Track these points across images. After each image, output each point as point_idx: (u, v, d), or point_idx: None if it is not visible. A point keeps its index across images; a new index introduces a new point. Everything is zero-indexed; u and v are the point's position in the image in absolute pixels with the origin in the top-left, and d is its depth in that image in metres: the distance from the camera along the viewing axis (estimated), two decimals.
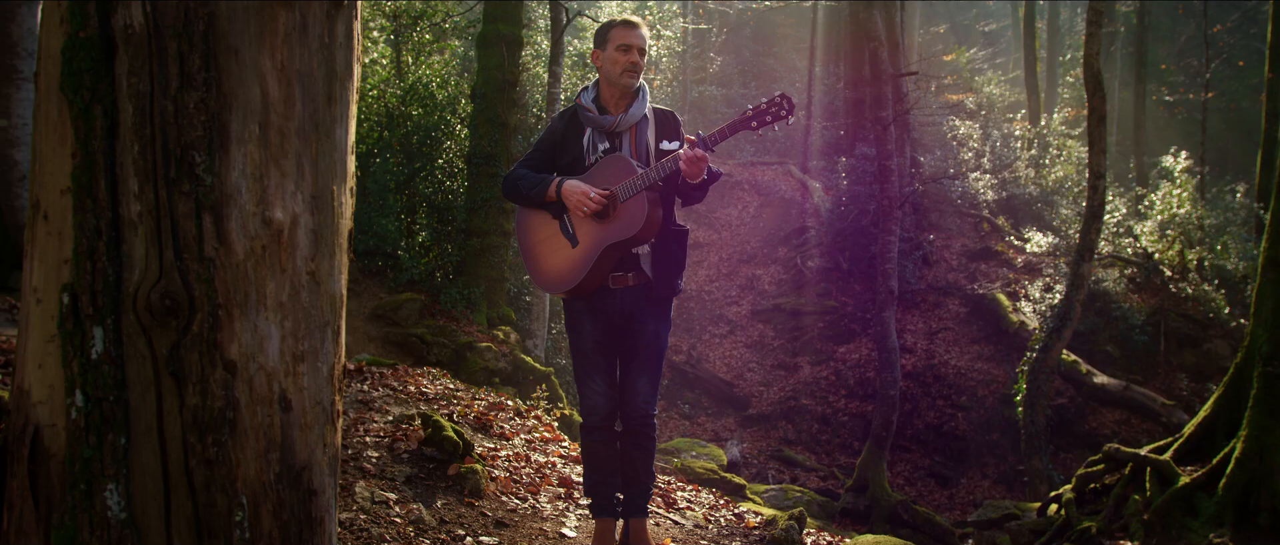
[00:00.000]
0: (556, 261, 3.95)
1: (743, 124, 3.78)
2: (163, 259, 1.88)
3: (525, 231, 4.10)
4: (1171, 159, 17.08)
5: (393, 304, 10.67)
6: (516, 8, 12.28)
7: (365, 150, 12.14)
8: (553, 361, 12.60)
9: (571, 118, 4.09)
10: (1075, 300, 11.20)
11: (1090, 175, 11.17)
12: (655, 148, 4.00)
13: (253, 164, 1.98)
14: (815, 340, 17.23)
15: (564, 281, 3.92)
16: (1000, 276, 17.98)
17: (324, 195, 2.14)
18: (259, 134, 1.99)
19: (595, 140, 3.99)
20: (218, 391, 1.92)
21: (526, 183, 3.99)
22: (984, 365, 15.93)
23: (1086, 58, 10.95)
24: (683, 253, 4.04)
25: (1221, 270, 16.40)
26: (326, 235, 2.15)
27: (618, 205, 3.80)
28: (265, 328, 2.02)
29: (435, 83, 12.63)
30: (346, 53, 2.16)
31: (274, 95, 2.00)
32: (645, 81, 4.16)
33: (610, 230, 3.81)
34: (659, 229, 3.89)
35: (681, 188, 3.87)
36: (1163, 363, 15.51)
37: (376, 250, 11.62)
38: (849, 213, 18.59)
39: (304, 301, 2.10)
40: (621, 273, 3.92)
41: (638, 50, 3.93)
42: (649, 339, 3.98)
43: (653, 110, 4.10)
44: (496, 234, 11.79)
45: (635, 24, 4.00)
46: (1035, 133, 22.26)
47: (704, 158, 3.69)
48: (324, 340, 2.15)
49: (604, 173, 3.88)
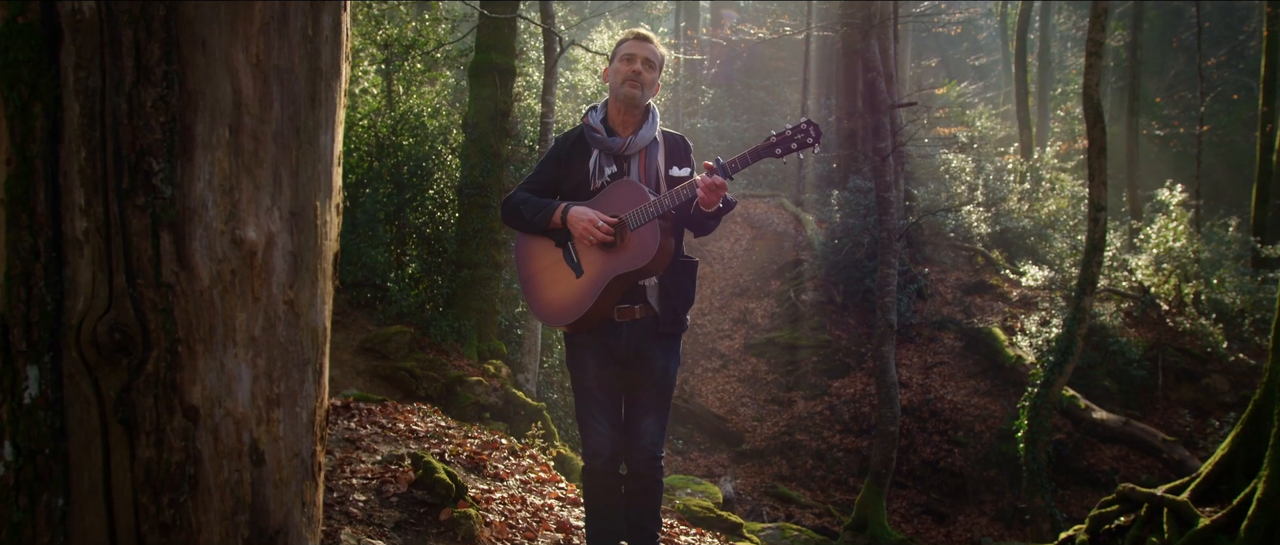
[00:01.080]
0: (559, 292, 3.70)
1: (765, 151, 3.55)
2: (112, 285, 1.57)
3: (525, 259, 3.82)
4: (1167, 192, 16.98)
5: (381, 337, 10.39)
6: (509, 37, 12.09)
7: (355, 180, 11.90)
8: (545, 396, 12.32)
9: (577, 139, 3.85)
10: (1077, 335, 10.98)
11: (1090, 208, 10.98)
12: (665, 173, 3.77)
13: (221, 174, 1.69)
14: (809, 374, 17.02)
15: (566, 314, 3.66)
16: (996, 310, 17.85)
17: (305, 212, 1.84)
18: (229, 139, 1.70)
19: (602, 163, 3.75)
20: (176, 443, 1.62)
21: (528, 207, 3.73)
22: (980, 400, 15.72)
23: (1085, 89, 10.79)
24: (692, 286, 3.82)
25: (1219, 304, 16.28)
26: (308, 258, 1.85)
27: (627, 234, 3.56)
28: (234, 367, 1.72)
29: (426, 112, 12.43)
30: (333, 48, 1.88)
31: (248, 94, 1.72)
32: (655, 105, 3.92)
33: (618, 260, 3.56)
34: (670, 260, 3.66)
35: (694, 217, 3.64)
36: (1161, 398, 15.36)
37: (365, 282, 11.34)
38: (843, 246, 18.43)
39: (280, 336, 1.81)
40: (627, 305, 3.68)
41: (642, 61, 3.70)
42: (657, 376, 3.74)
43: (663, 134, 3.86)
44: (488, 266, 11.53)
45: (645, 37, 3.78)
46: (1028, 166, 22.21)
47: (723, 186, 3.47)
48: (303, 381, 1.85)
49: (612, 198, 3.64)
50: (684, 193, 3.52)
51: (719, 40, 23.77)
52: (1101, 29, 10.46)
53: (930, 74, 33.13)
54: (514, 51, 12.30)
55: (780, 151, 3.53)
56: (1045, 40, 29.53)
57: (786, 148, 3.52)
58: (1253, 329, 15.88)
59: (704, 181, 3.46)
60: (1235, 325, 16.04)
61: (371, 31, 12.72)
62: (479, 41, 12.01)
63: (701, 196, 3.48)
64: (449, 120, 12.70)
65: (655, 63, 3.76)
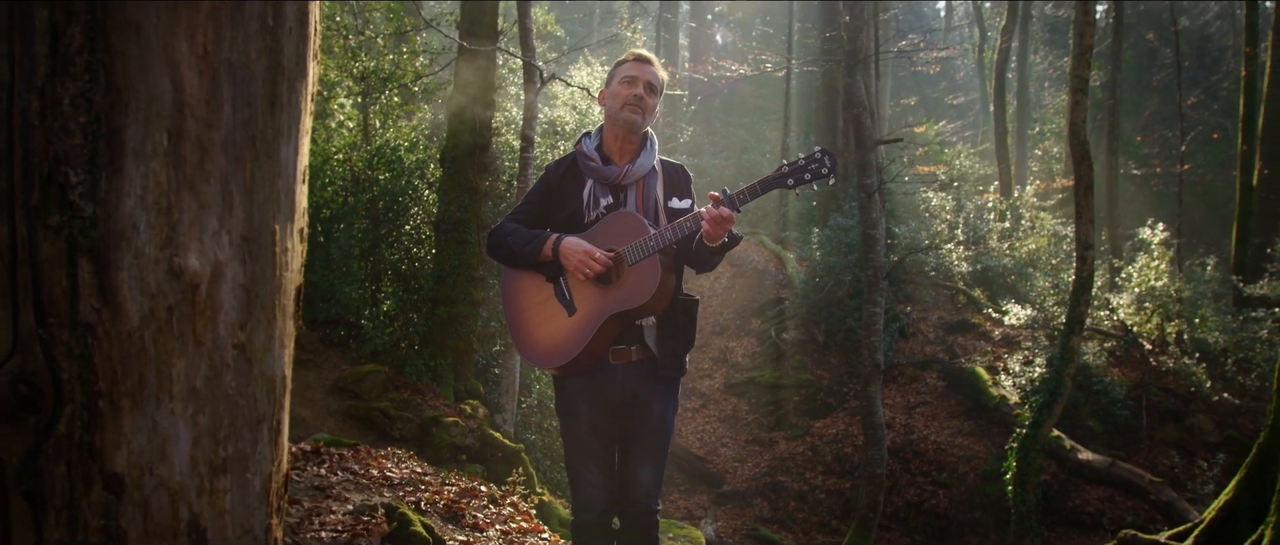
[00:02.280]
0: (549, 331, 3.41)
1: (776, 181, 3.29)
2: (17, 326, 1.25)
3: (513, 296, 3.54)
4: (1148, 231, 16.95)
5: (355, 376, 10.07)
6: (488, 69, 11.87)
7: (329, 215, 11.61)
8: (523, 437, 11.99)
9: (570, 166, 3.58)
10: (1065, 375, 10.79)
11: (1078, 246, 10.84)
12: (664, 205, 3.51)
13: (157, 189, 1.39)
14: (791, 415, 16.82)
15: (557, 355, 3.38)
16: (978, 349, 17.75)
17: (261, 237, 1.55)
18: (168, 147, 1.40)
19: (597, 193, 3.48)
20: (94, 521, 1.29)
21: (517, 239, 3.45)
22: (964, 440, 15.53)
23: (1072, 126, 10.67)
24: (693, 326, 3.55)
25: (1201, 344, 16.22)
26: (263, 293, 1.55)
27: (624, 269, 3.29)
28: (169, 426, 1.41)
29: (403, 146, 12.17)
30: (298, 42, 1.59)
31: (192, 93, 1.42)
32: (653, 132, 3.65)
33: (615, 297, 3.29)
34: (671, 298, 3.39)
35: (696, 252, 3.38)
36: (1145, 438, 15.24)
37: (339, 319, 11.02)
38: (824, 284, 18.29)
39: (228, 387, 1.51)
40: (624, 347, 3.41)
41: (644, 84, 3.45)
42: (654, 424, 3.46)
43: (661, 163, 3.60)
44: (465, 303, 11.23)
45: (647, 59, 3.54)
46: (1008, 204, 22.21)
47: (730, 219, 3.20)
48: (256, 441, 1.54)
49: (609, 231, 3.37)
50: (687, 225, 3.26)
51: (700, 76, 23.71)
52: (1087, 66, 10.37)
53: (909, 112, 33.29)
54: (493, 85, 12.09)
55: (793, 182, 3.27)
56: (1023, 79, 29.70)
57: (800, 178, 3.26)
58: (1235, 368, 15.82)
59: (709, 213, 3.19)
60: (1218, 365, 15.98)
61: (348, 63, 12.49)
62: (457, 74, 11.79)
63: (706, 230, 3.21)
64: (426, 154, 12.45)
65: (657, 87, 3.52)
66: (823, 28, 19.07)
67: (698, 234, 3.28)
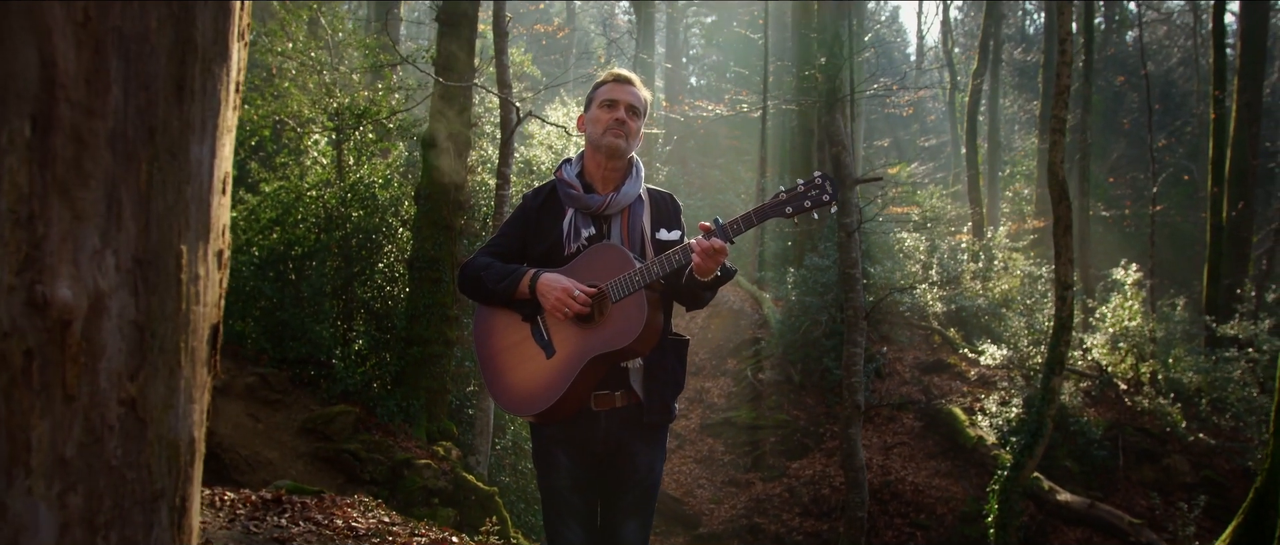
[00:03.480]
0: (525, 375, 3.14)
1: (773, 210, 3.05)
2: None
3: (486, 336, 3.27)
4: (1122, 271, 17.05)
5: (324, 417, 9.83)
6: (464, 105, 11.79)
7: (301, 252, 11.42)
8: (496, 479, 11.76)
9: (549, 195, 3.33)
10: (1047, 415, 10.73)
11: (1057, 286, 10.83)
12: (651, 236, 3.27)
13: (14, 192, 1.08)
14: (768, 455, 16.65)
15: (534, 401, 3.09)
16: (954, 390, 17.72)
17: (160, 260, 1.22)
18: (32, 138, 1.09)
19: (578, 224, 3.23)
20: None
21: (491, 274, 3.19)
22: (942, 482, 15.43)
23: (1050, 166, 10.69)
24: (682, 369, 3.31)
25: (1176, 384, 16.27)
26: (163, 332, 1.23)
27: (608, 306, 3.05)
28: (26, 510, 1.09)
29: (378, 183, 12.02)
30: (219, 15, 1.25)
31: (67, 69, 1.11)
32: (638, 158, 3.44)
33: (598, 338, 3.04)
34: (658, 338, 3.15)
35: (686, 287, 3.13)
36: (1122, 478, 15.21)
37: (309, 358, 10.80)
38: (800, 324, 18.23)
39: (111, 455, 1.17)
40: (607, 392, 3.15)
41: (626, 107, 3.22)
42: (640, 476, 3.21)
43: (648, 191, 3.37)
44: (438, 342, 11.05)
45: (627, 79, 3.30)
46: (981, 245, 22.33)
47: (722, 251, 2.96)
48: (151, 527, 1.22)
49: (591, 264, 3.12)
50: (676, 258, 3.01)
51: (676, 116, 23.75)
52: (1064, 105, 10.42)
53: (883, 154, 33.55)
54: (469, 121, 11.99)
55: (791, 210, 3.02)
56: (994, 122, 30.05)
57: (799, 206, 3.01)
58: (1210, 409, 15.87)
59: (700, 245, 2.95)
60: (1192, 405, 16.03)
61: (323, 100, 12.36)
62: (433, 110, 11.69)
63: (697, 263, 2.96)
64: (401, 192, 12.30)
65: (640, 109, 3.29)
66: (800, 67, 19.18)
67: (688, 268, 3.04)
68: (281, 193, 11.59)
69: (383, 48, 13.81)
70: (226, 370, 9.91)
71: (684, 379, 3.32)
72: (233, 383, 9.84)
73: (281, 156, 12.63)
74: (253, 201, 11.84)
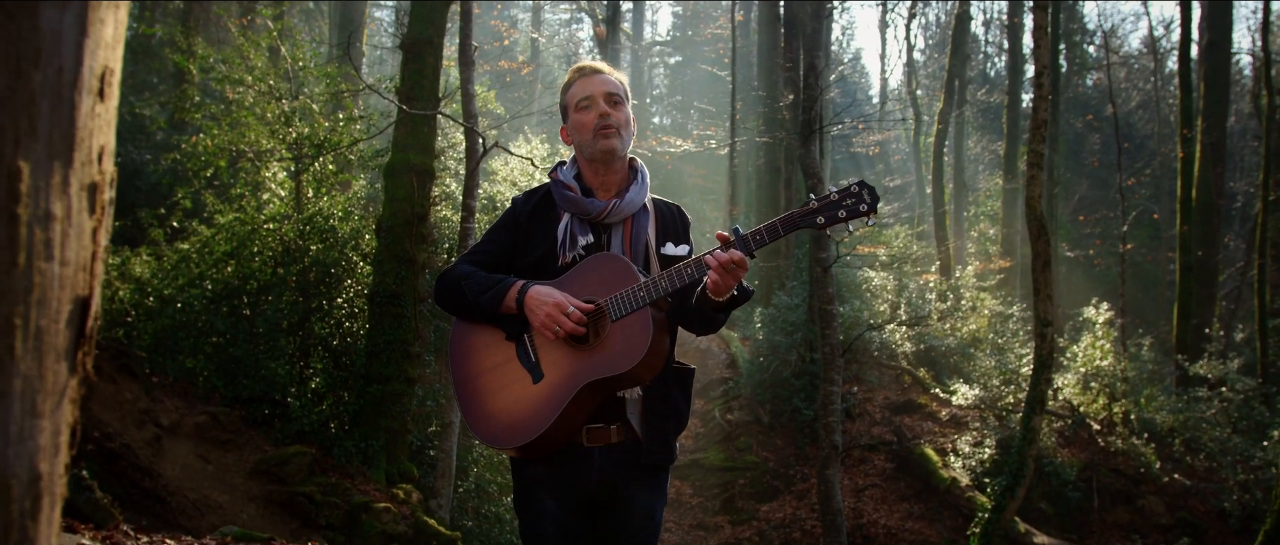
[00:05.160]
0: (508, 402, 2.71)
1: (804, 219, 2.63)
2: None
3: (465, 356, 2.84)
4: (1093, 310, 16.95)
5: (278, 458, 9.33)
6: (428, 136, 11.41)
7: (256, 286, 10.96)
8: (459, 524, 11.26)
9: (543, 198, 2.93)
10: (1028, 456, 10.45)
11: (1037, 323, 10.60)
12: (656, 251, 2.86)
13: None
14: (737, 498, 16.29)
15: (517, 432, 2.67)
16: (926, 430, 17.49)
17: None
18: None
19: (575, 231, 2.82)
20: None
21: (473, 284, 2.77)
22: (915, 524, 15.14)
23: (1029, 200, 10.50)
24: (687, 402, 2.88)
25: (1149, 424, 16.14)
26: None
27: (607, 326, 2.65)
28: None
29: (337, 215, 11.58)
30: None
31: None
32: (638, 158, 3.04)
33: (594, 362, 2.63)
34: (663, 365, 2.74)
35: (695, 309, 2.73)
36: (1097, 520, 15.03)
37: (263, 397, 10.30)
38: (769, 364, 17.96)
39: None
40: (601, 425, 2.74)
41: (604, 97, 2.83)
42: (637, 524, 2.78)
43: (653, 201, 2.97)
44: (399, 380, 10.57)
45: (593, 69, 2.91)
46: (948, 285, 22.27)
47: (743, 265, 2.56)
48: None
49: (588, 278, 2.72)
50: (688, 273, 2.61)
51: (643, 152, 23.53)
52: (1042, 139, 10.25)
53: None
54: (433, 151, 11.62)
55: (824, 221, 2.61)
56: (959, 163, 30.21)
57: (832, 216, 2.60)
58: (1183, 449, 15.75)
59: (718, 257, 2.55)
60: (1166, 445, 15.89)
61: (281, 130, 11.94)
62: (396, 140, 11.30)
63: (713, 279, 2.56)
64: (362, 224, 11.87)
65: (620, 94, 2.89)
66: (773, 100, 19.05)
67: (700, 285, 2.65)
68: (237, 225, 11.13)
69: (344, 76, 13.43)
70: (175, 408, 9.41)
71: (688, 414, 2.90)
72: (182, 422, 9.35)
73: (237, 187, 12.19)
74: (207, 233, 11.37)
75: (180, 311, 10.54)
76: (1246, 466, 14.30)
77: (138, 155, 14.88)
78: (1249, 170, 26.91)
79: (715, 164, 28.49)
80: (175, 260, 11.15)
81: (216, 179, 12.52)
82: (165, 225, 12.14)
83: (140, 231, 12.45)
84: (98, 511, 6.50)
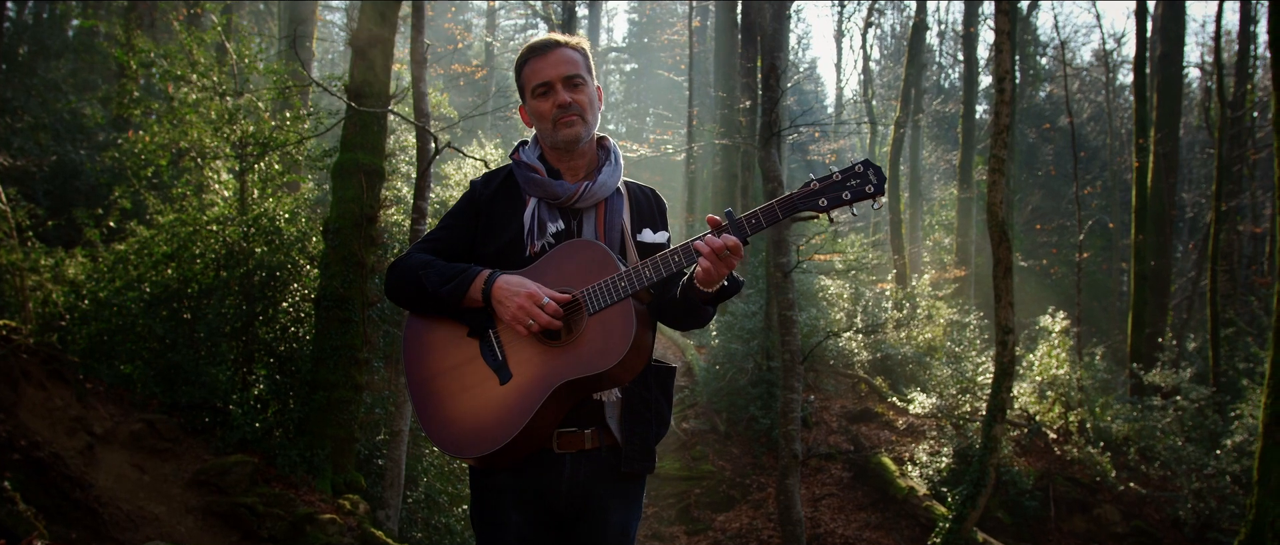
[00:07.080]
0: (472, 406, 2.43)
1: (803, 202, 2.37)
2: None
3: (421, 356, 2.55)
4: (1049, 319, 16.98)
5: (219, 467, 8.93)
6: (378, 135, 11.06)
7: (197, 290, 10.53)
8: (408, 535, 10.91)
9: (505, 180, 2.63)
10: (989, 464, 10.32)
11: (998, 330, 10.49)
12: (633, 238, 2.60)
13: None
14: (693, 508, 16.09)
15: (482, 439, 2.38)
16: (882, 439, 17.41)
17: None
18: None
19: (543, 217, 2.54)
20: None
21: (432, 275, 2.47)
22: (872, 534, 15.02)
23: (990, 206, 10.38)
24: (668, 404, 2.62)
25: (1104, 433, 16.19)
26: None
27: (583, 320, 2.39)
28: None
29: (284, 217, 11.18)
30: None
31: None
32: (610, 136, 2.75)
33: (569, 361, 2.37)
34: (644, 363, 2.49)
35: (681, 300, 2.49)
36: (1054, 529, 15.01)
37: (203, 404, 9.87)
38: (726, 372, 17.80)
39: None
40: (574, 430, 2.48)
41: (563, 82, 2.52)
42: (612, 537, 2.54)
43: (627, 185, 2.70)
44: (346, 387, 10.20)
45: (551, 44, 2.57)
46: (905, 293, 22.30)
47: (737, 252, 2.31)
48: None
49: (562, 266, 2.45)
50: (674, 260, 2.36)
51: None
52: (1004, 145, 10.15)
53: None
54: (383, 151, 11.27)
55: (826, 203, 2.37)
56: (914, 172, 30.35)
57: (836, 199, 2.37)
58: (1139, 457, 15.81)
59: (710, 243, 2.31)
60: (1121, 453, 15.94)
61: (224, 128, 11.53)
62: (344, 139, 10.93)
63: (705, 267, 2.33)
64: (309, 227, 11.47)
65: (580, 73, 2.57)
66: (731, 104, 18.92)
67: (688, 274, 2.41)
68: (178, 225, 10.70)
69: (292, 74, 13.03)
70: (109, 416, 8.99)
71: (669, 417, 2.63)
72: (117, 429, 8.93)
73: (179, 187, 11.75)
74: (146, 234, 10.92)
75: (117, 315, 10.09)
76: (1200, 475, 14.37)
77: (76, 154, 14.35)
78: (1197, 182, 27.31)
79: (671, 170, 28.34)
80: (112, 261, 10.68)
81: (157, 178, 12.06)
82: (102, 225, 11.66)
83: (76, 232, 11.96)
84: (20, 523, 6.11)
